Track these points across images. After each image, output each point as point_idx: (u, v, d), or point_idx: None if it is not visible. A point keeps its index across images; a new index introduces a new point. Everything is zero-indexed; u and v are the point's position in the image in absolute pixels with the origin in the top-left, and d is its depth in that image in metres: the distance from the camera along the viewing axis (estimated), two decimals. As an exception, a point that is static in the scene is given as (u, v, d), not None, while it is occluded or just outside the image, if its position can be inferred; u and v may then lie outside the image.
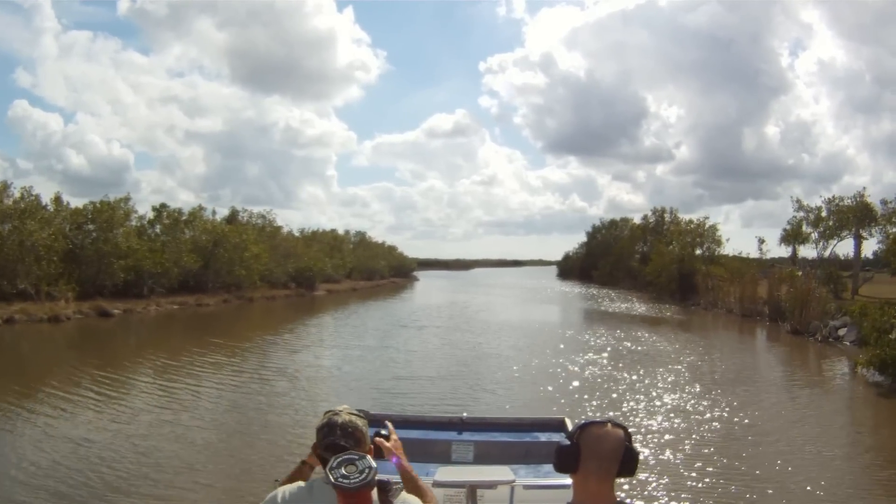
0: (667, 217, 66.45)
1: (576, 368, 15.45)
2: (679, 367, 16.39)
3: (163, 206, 39.51)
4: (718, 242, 47.70)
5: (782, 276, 33.80)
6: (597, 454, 1.78)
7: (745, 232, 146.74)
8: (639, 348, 19.69)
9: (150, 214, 39.04)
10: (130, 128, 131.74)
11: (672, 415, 11.22)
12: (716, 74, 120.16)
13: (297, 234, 59.12)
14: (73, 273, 31.50)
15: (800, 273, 34.68)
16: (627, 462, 1.80)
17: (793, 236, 41.59)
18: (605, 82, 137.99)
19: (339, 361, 16.43)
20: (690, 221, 53.51)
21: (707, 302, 39.23)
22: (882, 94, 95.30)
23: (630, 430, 1.83)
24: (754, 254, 42.02)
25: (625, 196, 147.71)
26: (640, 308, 37.43)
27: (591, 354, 17.79)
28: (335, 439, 2.02)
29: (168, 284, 35.65)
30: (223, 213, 50.12)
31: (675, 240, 51.36)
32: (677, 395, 12.80)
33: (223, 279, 39.22)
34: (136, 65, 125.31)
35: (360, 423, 2.09)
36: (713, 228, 47.99)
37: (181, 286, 37.06)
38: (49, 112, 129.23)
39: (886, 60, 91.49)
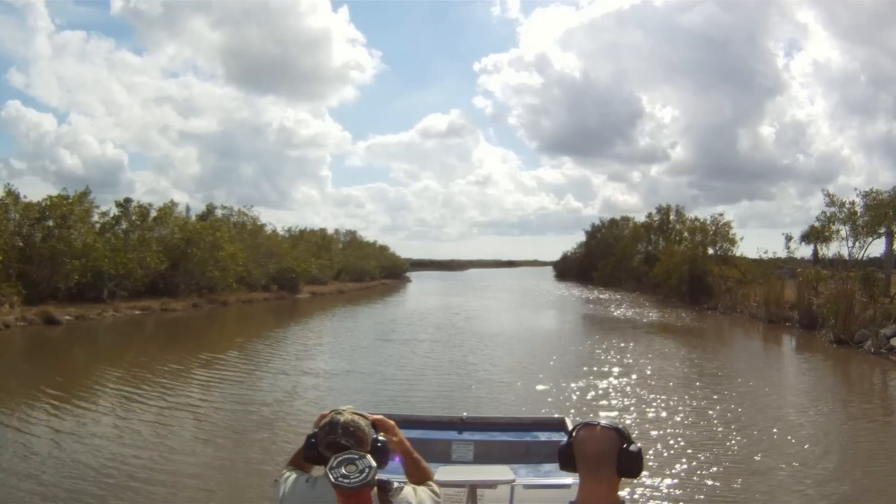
0: (672, 216, 63.27)
1: (600, 403, 11.95)
2: (732, 394, 13.02)
3: (127, 200, 35.92)
4: (732, 241, 44.33)
5: (808, 278, 30.77)
6: (584, 455, 1.77)
7: (740, 233, 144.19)
8: (671, 369, 16.22)
9: (114, 210, 35.41)
10: (124, 128, 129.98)
11: (751, 476, 7.86)
12: (711, 75, 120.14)
13: (282, 232, 55.75)
14: (31, 274, 28.17)
15: (826, 273, 31.81)
16: (625, 463, 1.76)
17: (817, 234, 38.46)
18: (600, 83, 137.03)
19: (284, 396, 12.28)
20: (697, 219, 50.50)
21: (725, 306, 35.91)
22: (877, 95, 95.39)
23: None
24: (777, 253, 38.54)
25: (620, 196, 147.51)
26: (651, 313, 34.00)
27: (612, 379, 14.25)
28: (336, 438, 2.01)
29: (133, 287, 32.12)
30: (200, 208, 46.66)
31: (687, 238, 48.17)
32: (749, 446, 9.43)
33: (196, 281, 35.66)
34: (130, 65, 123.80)
35: (363, 423, 2.08)
36: (727, 226, 44.56)
37: (150, 289, 33.52)
38: (42, 112, 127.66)
39: (881, 61, 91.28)
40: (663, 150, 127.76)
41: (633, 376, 14.57)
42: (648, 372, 15.21)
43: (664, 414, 11.04)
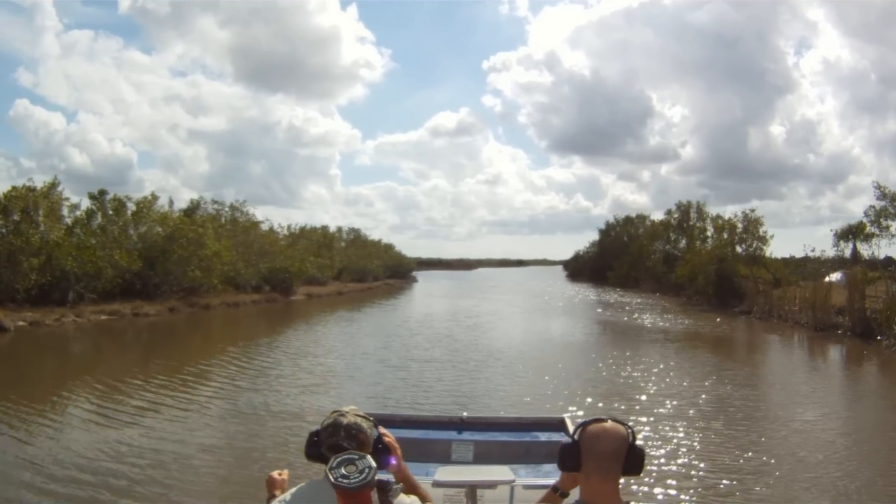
0: (692, 213, 59.59)
1: (662, 466, 8.43)
2: (827, 439, 9.51)
3: (101, 192, 32.67)
4: (763, 240, 40.52)
5: (856, 279, 27.32)
6: (595, 453, 1.74)
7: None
8: (735, 398, 12.62)
9: (86, 203, 32.20)
10: (133, 127, 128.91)
11: None
12: (721, 73, 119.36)
13: (278, 230, 52.47)
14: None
15: (875, 274, 28.34)
16: (632, 461, 1.75)
17: (860, 230, 34.88)
18: (609, 81, 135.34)
19: (198, 451, 8.41)
20: (719, 216, 46.82)
21: (761, 310, 32.22)
22: (887, 94, 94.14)
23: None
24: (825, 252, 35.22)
25: (629, 196, 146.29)
26: (681, 319, 30.32)
27: (663, 420, 10.66)
28: (338, 440, 2.02)
29: (104, 289, 28.89)
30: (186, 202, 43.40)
31: (713, 236, 44.57)
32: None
33: (178, 282, 32.35)
34: (138, 64, 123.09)
35: (366, 425, 2.09)
36: (757, 222, 40.72)
37: (125, 291, 30.31)
38: (51, 111, 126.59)
39: (892, 59, 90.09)
40: (673, 149, 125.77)
41: (690, 412, 11.04)
42: (707, 407, 11.63)
43: (738, 479, 7.57)
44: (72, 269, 27.25)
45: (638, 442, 1.75)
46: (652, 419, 10.47)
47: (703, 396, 12.51)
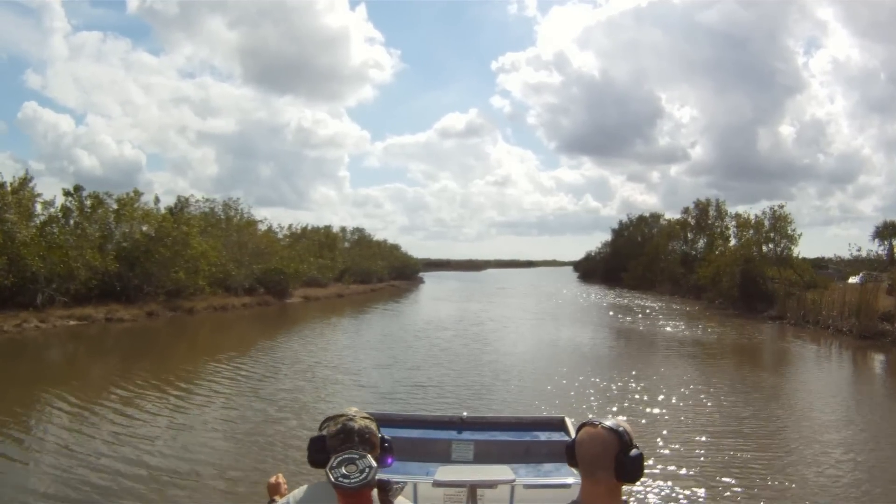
0: (711, 211, 56.81)
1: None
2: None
3: (77, 188, 30.32)
4: (792, 239, 37.59)
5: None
6: (582, 456, 1.74)
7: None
8: (812, 432, 10.03)
9: (61, 200, 29.86)
10: (142, 129, 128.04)
11: None
12: (730, 73, 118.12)
13: (277, 230, 50.24)
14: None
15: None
16: (622, 467, 1.69)
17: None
18: (618, 81, 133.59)
19: None
20: (739, 214, 43.98)
21: (795, 316, 29.33)
22: None
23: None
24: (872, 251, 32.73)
25: (638, 196, 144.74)
26: (709, 326, 27.39)
27: (720, 475, 8.07)
28: (353, 446, 1.93)
29: (78, 291, 26.53)
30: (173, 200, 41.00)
31: (735, 235, 41.78)
32: None
33: (161, 284, 29.94)
34: (147, 65, 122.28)
35: (374, 426, 2.04)
36: (785, 220, 37.75)
37: (105, 293, 27.98)
38: (59, 113, 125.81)
39: None
40: (683, 149, 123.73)
41: (746, 454, 8.38)
42: (782, 455, 8.95)
43: None
44: (39, 269, 24.92)
45: (635, 452, 1.68)
46: (701, 468, 7.85)
47: (766, 428, 9.83)
